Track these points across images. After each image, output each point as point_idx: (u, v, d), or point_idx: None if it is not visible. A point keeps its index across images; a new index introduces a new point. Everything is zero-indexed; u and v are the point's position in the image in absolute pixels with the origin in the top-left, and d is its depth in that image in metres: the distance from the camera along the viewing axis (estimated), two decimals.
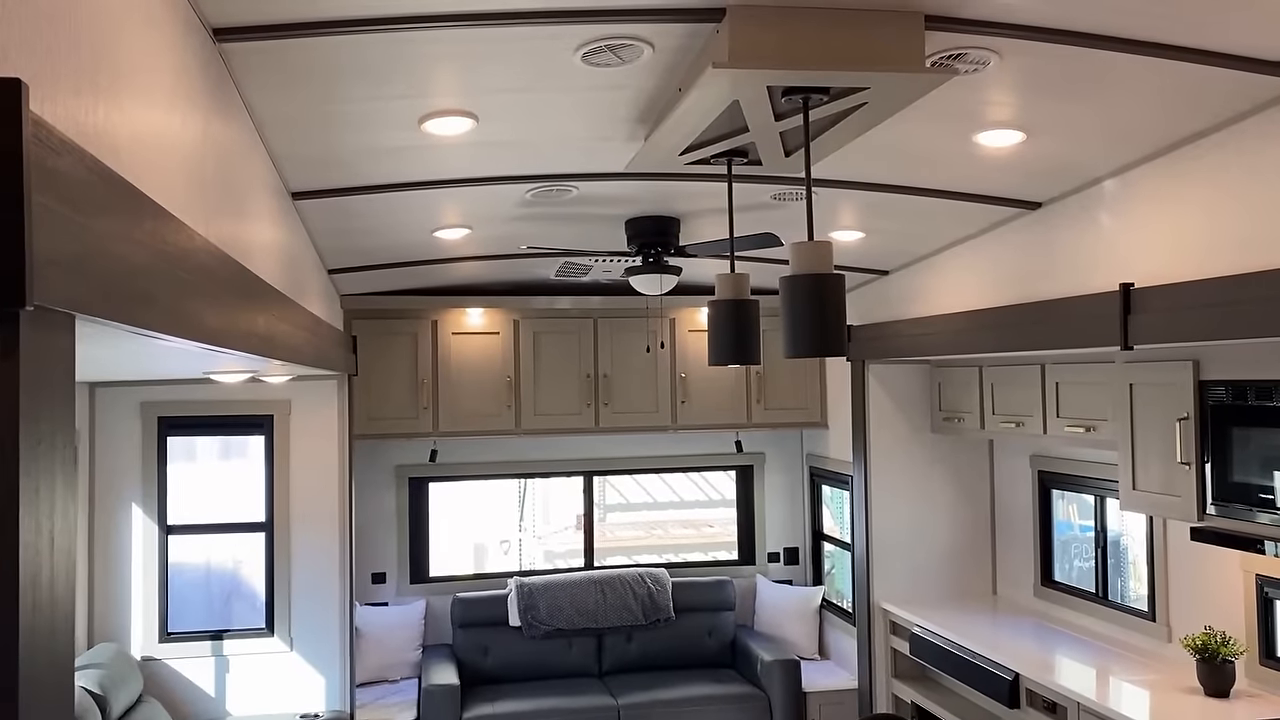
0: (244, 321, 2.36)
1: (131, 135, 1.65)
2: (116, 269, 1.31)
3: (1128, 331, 3.40)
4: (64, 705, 1.16)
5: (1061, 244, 3.92)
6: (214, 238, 2.14)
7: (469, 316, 5.99)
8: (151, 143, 1.79)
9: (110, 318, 1.24)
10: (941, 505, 5.75)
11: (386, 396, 5.85)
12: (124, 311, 1.31)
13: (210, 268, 2.03)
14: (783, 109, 2.70)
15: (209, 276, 2.02)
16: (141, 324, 1.40)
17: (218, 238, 2.19)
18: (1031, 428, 4.69)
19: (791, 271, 2.60)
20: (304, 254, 4.06)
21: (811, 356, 2.63)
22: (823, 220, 4.18)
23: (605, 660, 6.14)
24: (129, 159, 1.61)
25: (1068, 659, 4.50)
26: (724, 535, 7.14)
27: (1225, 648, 3.82)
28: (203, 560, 5.39)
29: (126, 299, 1.34)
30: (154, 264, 1.56)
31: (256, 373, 3.98)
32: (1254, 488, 3.30)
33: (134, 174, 1.57)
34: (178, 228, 1.78)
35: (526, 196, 3.88)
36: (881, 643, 5.65)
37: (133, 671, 4.76)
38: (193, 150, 2.10)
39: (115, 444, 5.17)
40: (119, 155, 1.55)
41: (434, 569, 6.40)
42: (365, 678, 5.82)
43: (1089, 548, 5.02)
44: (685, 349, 6.24)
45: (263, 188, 3.04)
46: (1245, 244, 3.00)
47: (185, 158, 2.03)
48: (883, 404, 5.73)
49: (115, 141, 1.55)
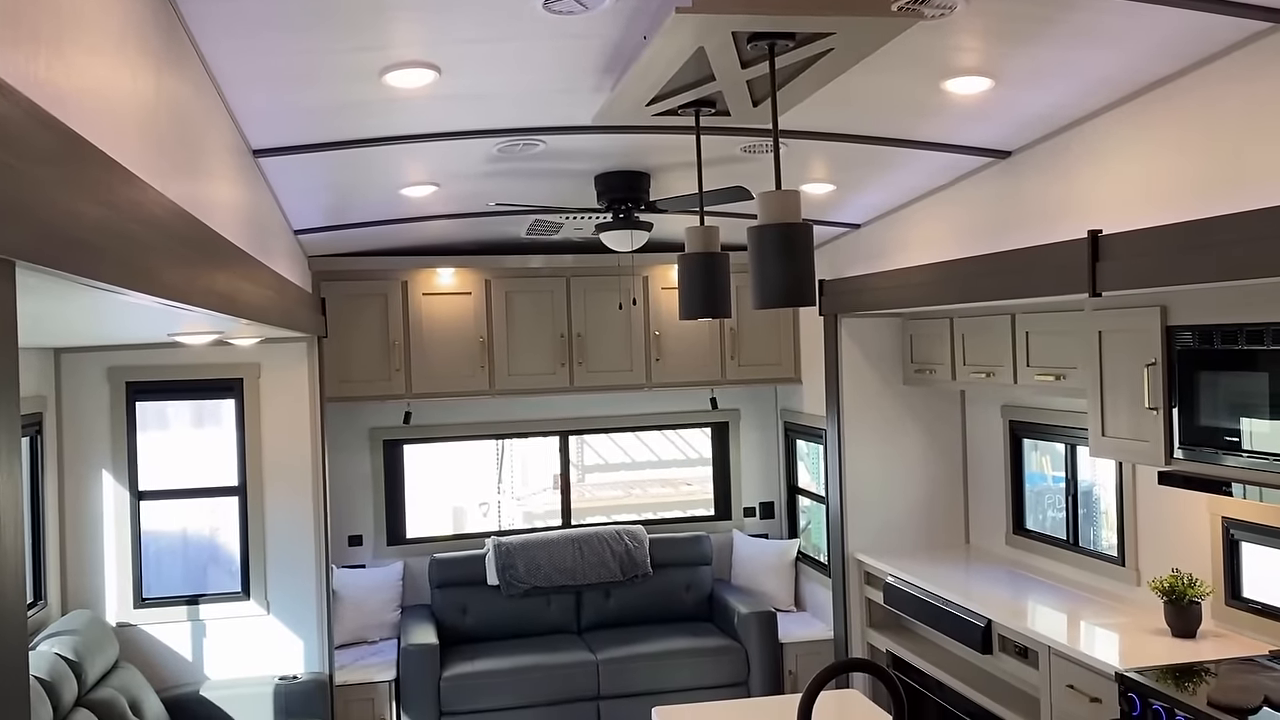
0: (204, 279, 2.32)
1: (78, 87, 1.61)
2: (61, 218, 1.28)
3: (1096, 278, 3.41)
4: (17, 663, 1.14)
5: (1031, 193, 3.92)
6: (171, 194, 2.10)
7: (439, 277, 5.94)
8: (99, 95, 1.74)
9: (55, 266, 1.21)
10: (914, 457, 5.79)
11: (357, 359, 5.81)
12: (70, 261, 1.28)
13: (166, 222, 2.00)
14: (749, 56, 2.67)
15: (165, 231, 1.98)
16: (91, 275, 1.37)
17: (175, 194, 2.15)
18: (1002, 378, 4.72)
19: (760, 222, 2.59)
20: (268, 214, 4.00)
21: (781, 307, 2.62)
22: (792, 173, 4.16)
23: (584, 617, 6.18)
24: (76, 110, 1.56)
25: (1039, 604, 4.56)
26: (701, 493, 7.18)
27: (1192, 589, 3.88)
28: (179, 528, 5.37)
29: (73, 249, 1.31)
30: (104, 215, 1.52)
31: (223, 334, 3.93)
32: (1220, 431, 3.34)
33: (81, 126, 1.52)
34: (129, 180, 1.74)
35: (494, 151, 3.84)
36: (856, 593, 5.71)
37: (108, 638, 4.74)
38: (145, 104, 2.05)
39: (82, 410, 5.11)
40: (64, 105, 1.50)
41: (411, 531, 6.40)
42: (344, 639, 5.83)
43: (1060, 498, 5.07)
44: (658, 307, 6.22)
45: (222, 144, 2.99)
46: (1211, 188, 3.01)
47: (137, 111, 1.98)
48: (855, 358, 5.75)
49: (59, 91, 1.50)
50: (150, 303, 1.92)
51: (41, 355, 4.97)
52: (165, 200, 2.02)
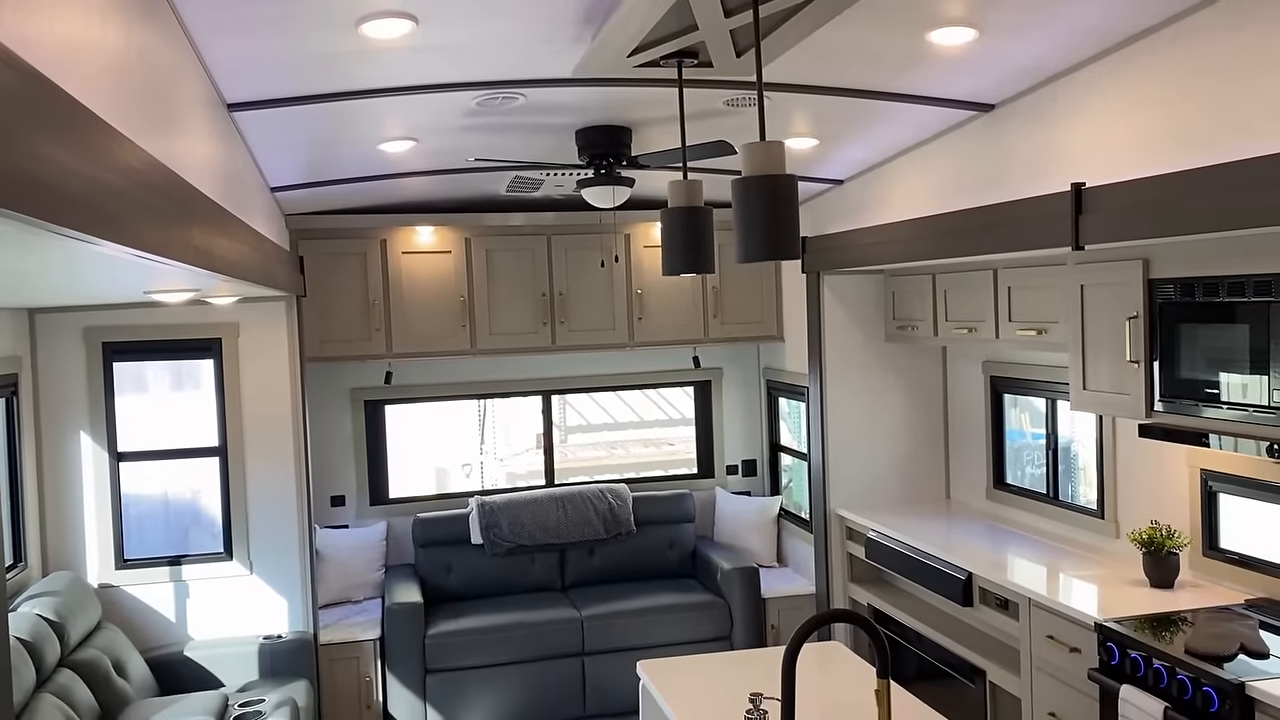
0: (180, 232, 2.28)
1: (44, 31, 1.56)
2: (27, 159, 1.24)
3: (1079, 232, 3.41)
4: None
5: (1014, 146, 3.91)
6: (145, 146, 2.05)
7: (419, 235, 5.89)
8: (68, 40, 1.69)
9: (20, 210, 1.18)
10: (896, 413, 5.81)
11: (337, 318, 5.76)
12: (38, 206, 1.24)
13: (140, 172, 1.95)
14: (732, 4, 2.63)
15: (139, 181, 1.93)
16: (61, 222, 1.33)
17: (149, 147, 2.10)
18: (984, 333, 4.73)
19: (744, 173, 2.56)
20: (244, 169, 3.94)
21: (765, 260, 2.60)
22: (775, 127, 4.11)
23: (568, 574, 6.21)
24: (42, 53, 1.51)
25: (1019, 558, 4.60)
26: (684, 453, 7.19)
27: (1170, 540, 3.92)
28: (160, 490, 5.34)
29: (41, 192, 1.27)
30: (75, 162, 1.48)
31: (200, 292, 3.89)
32: (1200, 383, 3.36)
33: (49, 70, 1.48)
34: (100, 127, 1.70)
35: (472, 105, 3.78)
36: (838, 548, 5.75)
37: (90, 599, 4.73)
38: (116, 53, 1.99)
39: (59, 371, 5.05)
40: (28, 48, 1.46)
41: (394, 491, 6.39)
42: (328, 599, 5.83)
43: (1040, 454, 5.11)
44: (641, 265, 6.20)
45: (195, 97, 2.93)
46: (1195, 139, 3.00)
47: (108, 60, 1.93)
48: (837, 315, 5.75)
49: (23, 34, 1.46)
50: (125, 254, 1.88)
51: (15, 315, 4.90)
52: (139, 150, 1.97)
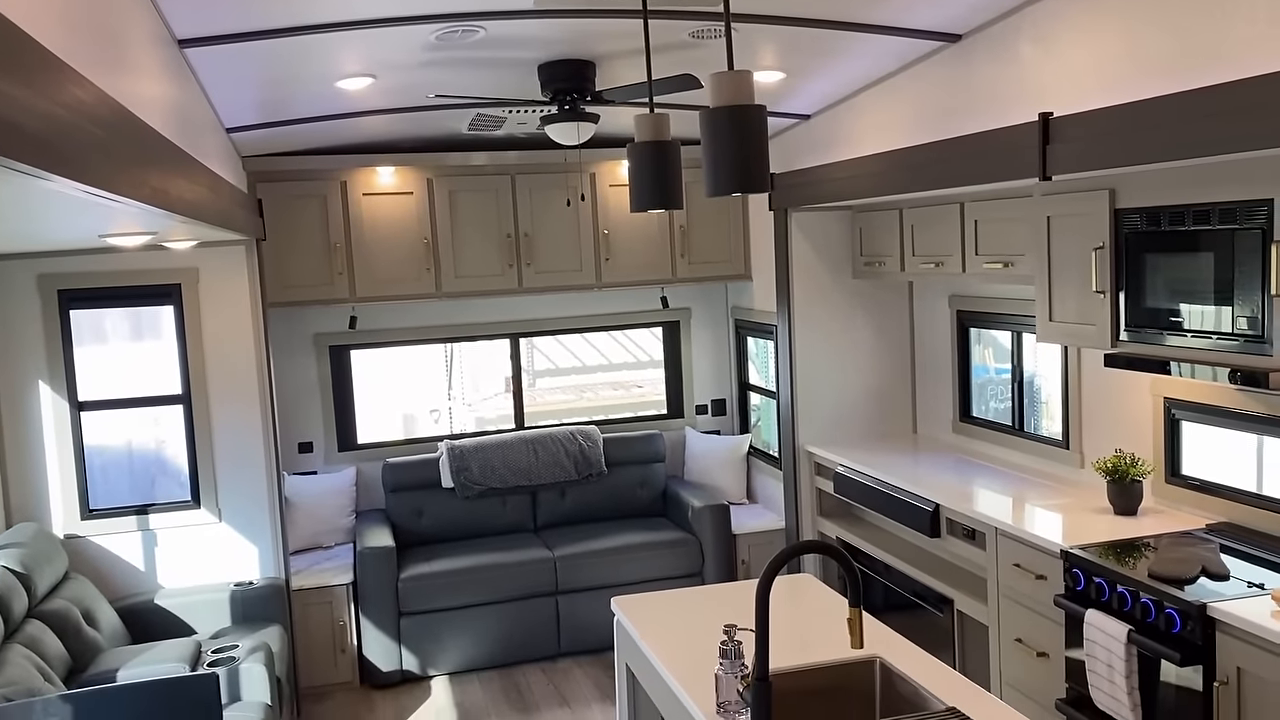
0: (135, 171, 2.21)
1: None
2: None
3: (1046, 162, 3.40)
4: None
5: (981, 77, 3.88)
6: (96, 83, 1.98)
7: (379, 176, 5.78)
8: None
9: None
10: (863, 349, 5.84)
11: (298, 262, 5.67)
12: None
13: (91, 108, 1.88)
14: None
15: (91, 117, 1.87)
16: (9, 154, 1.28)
17: (100, 83, 2.02)
18: (951, 267, 4.74)
19: (712, 104, 2.51)
20: (198, 109, 3.83)
21: (735, 193, 2.56)
22: (742, 60, 4.05)
23: (540, 516, 6.23)
24: None
25: (985, 489, 4.67)
26: (653, 395, 7.20)
27: (1134, 468, 3.99)
28: (124, 440, 5.26)
29: None
30: (21, 92, 1.42)
31: (156, 235, 3.79)
32: (1164, 312, 3.39)
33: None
34: (47, 59, 1.63)
35: (431, 39, 3.69)
36: (807, 484, 5.81)
37: (56, 550, 4.68)
38: None
39: (13, 319, 4.94)
40: None
41: (362, 437, 6.35)
42: (299, 545, 5.82)
43: (1004, 389, 5.16)
44: (607, 204, 6.13)
45: (145, 33, 2.83)
46: (1161, 67, 2.99)
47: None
48: (805, 253, 5.73)
49: None
50: (79, 192, 1.82)
51: None
52: (89, 84, 1.90)
